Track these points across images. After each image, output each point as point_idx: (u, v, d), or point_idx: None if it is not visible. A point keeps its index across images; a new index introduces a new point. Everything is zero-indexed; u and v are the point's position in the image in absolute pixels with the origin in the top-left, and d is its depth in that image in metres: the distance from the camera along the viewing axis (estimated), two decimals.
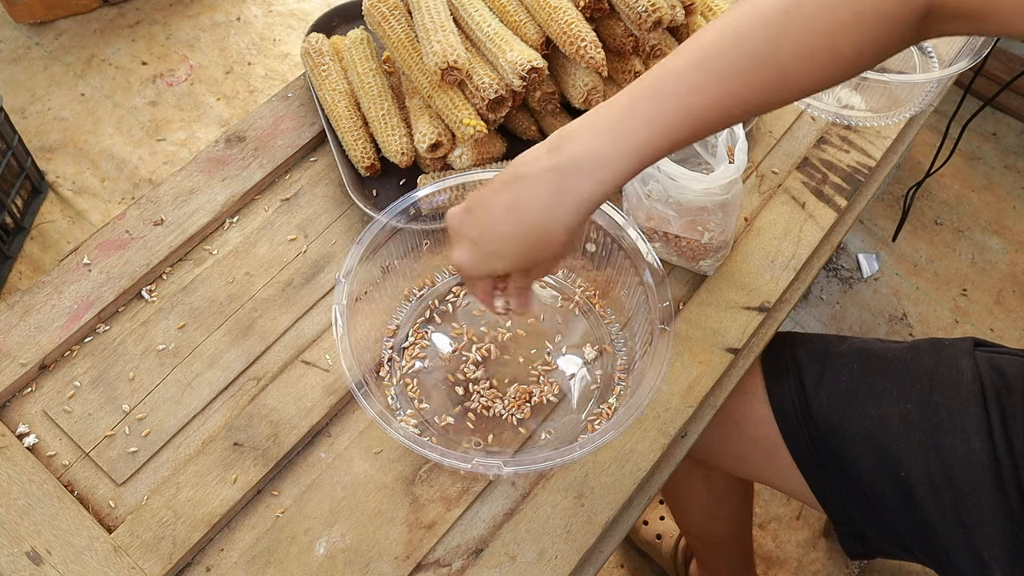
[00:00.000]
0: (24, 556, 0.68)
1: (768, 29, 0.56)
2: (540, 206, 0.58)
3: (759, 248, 0.87)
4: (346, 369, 0.67)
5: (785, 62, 0.56)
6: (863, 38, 0.56)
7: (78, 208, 1.81)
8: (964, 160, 1.94)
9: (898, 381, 0.80)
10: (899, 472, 0.77)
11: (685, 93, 0.57)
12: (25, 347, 0.78)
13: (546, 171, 0.58)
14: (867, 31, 0.56)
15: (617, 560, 1.42)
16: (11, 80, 2.02)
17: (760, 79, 0.57)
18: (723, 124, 0.58)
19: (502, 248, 0.60)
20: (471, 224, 0.61)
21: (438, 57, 0.81)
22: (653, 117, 0.57)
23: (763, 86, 0.57)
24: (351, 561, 0.69)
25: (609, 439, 0.65)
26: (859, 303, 1.74)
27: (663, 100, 0.57)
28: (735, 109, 0.58)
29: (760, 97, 0.58)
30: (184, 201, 0.89)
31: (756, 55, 0.56)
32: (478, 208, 0.61)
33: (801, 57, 0.56)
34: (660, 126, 0.57)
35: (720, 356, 0.80)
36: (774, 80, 0.57)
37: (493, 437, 0.75)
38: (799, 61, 0.57)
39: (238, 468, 0.73)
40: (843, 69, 0.58)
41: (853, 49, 0.57)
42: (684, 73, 0.57)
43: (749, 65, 0.56)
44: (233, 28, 2.15)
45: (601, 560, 0.72)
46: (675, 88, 0.57)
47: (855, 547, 0.88)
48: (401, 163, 0.88)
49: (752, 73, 0.57)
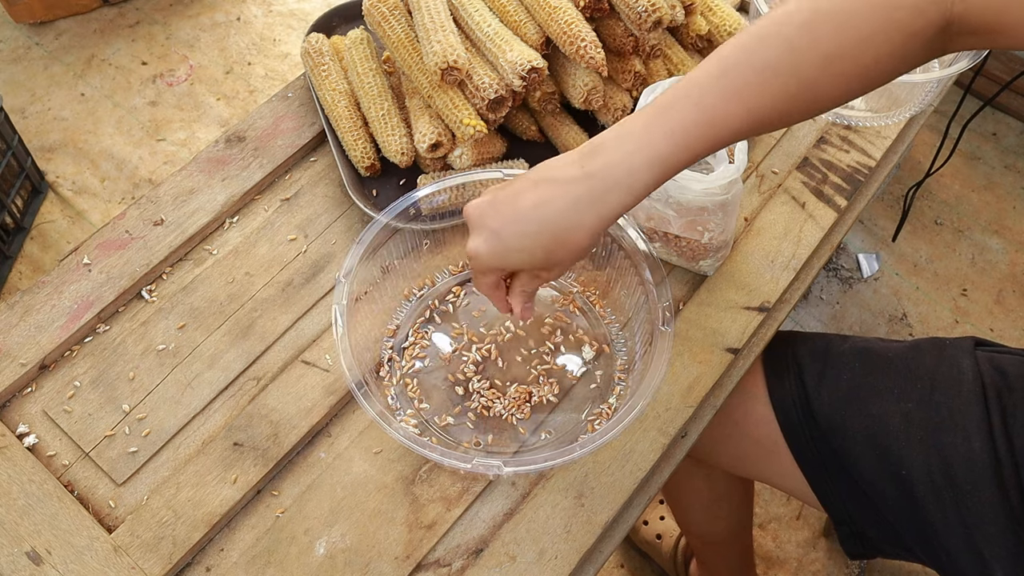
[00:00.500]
0: (24, 556, 0.68)
1: (787, 43, 0.57)
2: (568, 208, 0.59)
3: (759, 248, 0.87)
4: (346, 369, 0.67)
5: (805, 76, 0.57)
6: (883, 52, 0.57)
7: (78, 208, 1.81)
8: (964, 160, 1.94)
9: (899, 380, 0.80)
10: (900, 471, 0.77)
11: (704, 105, 0.58)
12: (25, 347, 0.78)
13: (578, 177, 0.59)
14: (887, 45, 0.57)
15: (617, 560, 1.42)
16: (11, 80, 2.02)
17: (779, 93, 0.58)
18: (744, 135, 0.59)
19: (522, 243, 0.61)
20: (494, 215, 0.62)
21: (438, 57, 0.81)
22: (674, 128, 0.58)
23: (782, 99, 0.58)
24: (351, 561, 0.69)
25: (609, 439, 0.65)
26: (859, 303, 1.74)
27: (682, 111, 0.58)
28: (754, 121, 0.58)
29: (779, 110, 0.58)
30: (184, 201, 0.89)
31: (775, 69, 0.57)
32: (503, 202, 0.61)
33: (821, 71, 0.57)
34: (681, 137, 0.58)
35: (720, 356, 0.80)
36: (794, 94, 0.58)
37: (493, 437, 0.75)
38: (819, 75, 0.57)
39: (238, 468, 0.73)
40: (863, 83, 0.59)
41: (874, 63, 0.57)
42: (704, 85, 0.58)
43: (768, 78, 0.57)
44: (233, 28, 2.16)
45: (601, 560, 0.72)
46: (694, 100, 0.58)
47: (855, 547, 0.88)
48: (401, 163, 0.88)
49: (771, 86, 0.57)
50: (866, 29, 0.56)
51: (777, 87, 0.57)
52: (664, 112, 0.58)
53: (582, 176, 0.59)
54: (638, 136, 0.59)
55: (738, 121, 0.58)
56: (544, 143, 0.94)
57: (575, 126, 0.91)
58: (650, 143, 0.58)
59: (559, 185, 0.60)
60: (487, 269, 0.65)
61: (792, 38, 0.57)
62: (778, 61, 0.57)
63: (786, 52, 0.57)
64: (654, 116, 0.59)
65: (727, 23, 0.93)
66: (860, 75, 0.58)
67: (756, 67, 0.57)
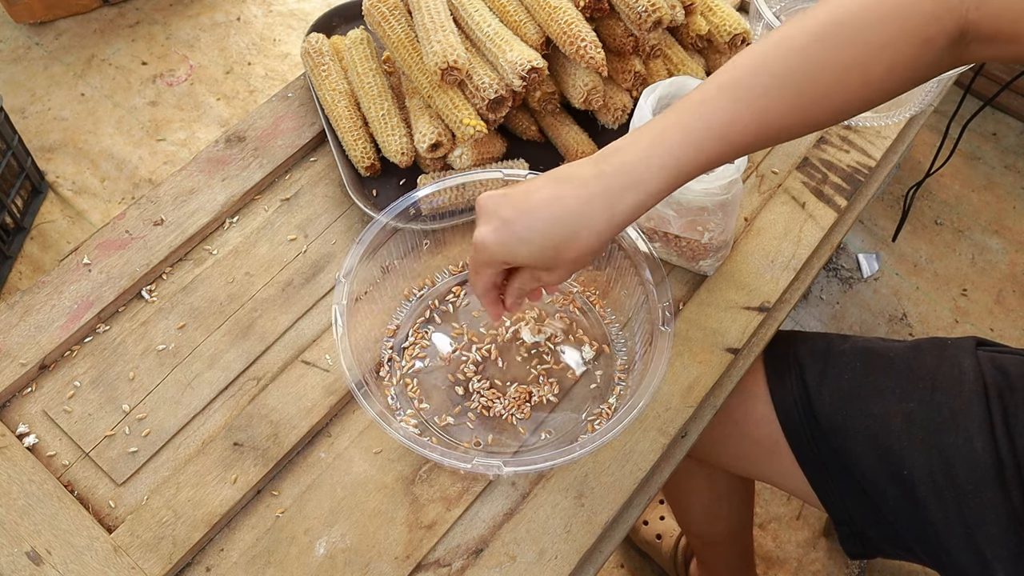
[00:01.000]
0: (24, 556, 0.68)
1: (800, 54, 0.57)
2: (579, 205, 0.59)
3: (759, 248, 0.87)
4: (346, 369, 0.67)
5: (820, 85, 0.57)
6: (898, 61, 0.57)
7: (78, 208, 1.81)
8: (964, 160, 1.94)
9: (900, 380, 0.80)
10: (901, 471, 0.77)
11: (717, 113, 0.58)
12: (25, 347, 0.78)
13: (593, 175, 0.60)
14: (902, 54, 0.57)
15: (617, 560, 1.42)
16: (11, 80, 2.02)
17: (794, 102, 0.58)
18: (757, 145, 0.59)
19: (531, 235, 0.60)
20: (506, 206, 0.61)
21: (438, 57, 0.81)
22: (688, 134, 0.58)
23: (797, 109, 0.58)
24: (351, 561, 0.69)
25: (609, 439, 0.65)
26: (859, 303, 1.74)
27: (696, 118, 0.58)
28: (769, 130, 0.59)
29: (794, 120, 0.59)
30: (184, 201, 0.89)
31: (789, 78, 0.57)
32: (517, 195, 0.62)
33: (836, 81, 0.57)
34: (694, 142, 0.58)
35: (720, 356, 0.80)
36: (809, 103, 0.58)
37: (493, 437, 0.75)
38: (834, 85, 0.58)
39: (238, 468, 0.73)
40: (879, 92, 0.59)
41: (888, 72, 0.57)
42: (715, 93, 0.58)
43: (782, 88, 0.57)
44: (233, 28, 2.15)
45: (601, 560, 0.72)
46: (708, 107, 0.58)
47: (855, 547, 0.88)
48: (401, 163, 0.88)
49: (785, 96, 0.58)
50: (880, 38, 0.56)
51: (792, 97, 0.57)
52: (679, 118, 0.59)
53: (597, 174, 0.59)
54: (653, 139, 0.59)
55: (752, 130, 0.58)
56: (544, 143, 0.94)
57: (575, 126, 0.91)
58: (664, 146, 0.58)
59: (574, 182, 0.60)
60: (490, 261, 0.64)
61: (806, 48, 0.57)
62: (792, 71, 0.57)
63: (800, 62, 0.57)
64: (670, 122, 0.59)
65: (727, 23, 0.93)
66: (876, 84, 0.58)
67: (771, 77, 0.57)
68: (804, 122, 0.59)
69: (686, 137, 0.58)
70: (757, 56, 0.58)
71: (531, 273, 0.65)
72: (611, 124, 0.91)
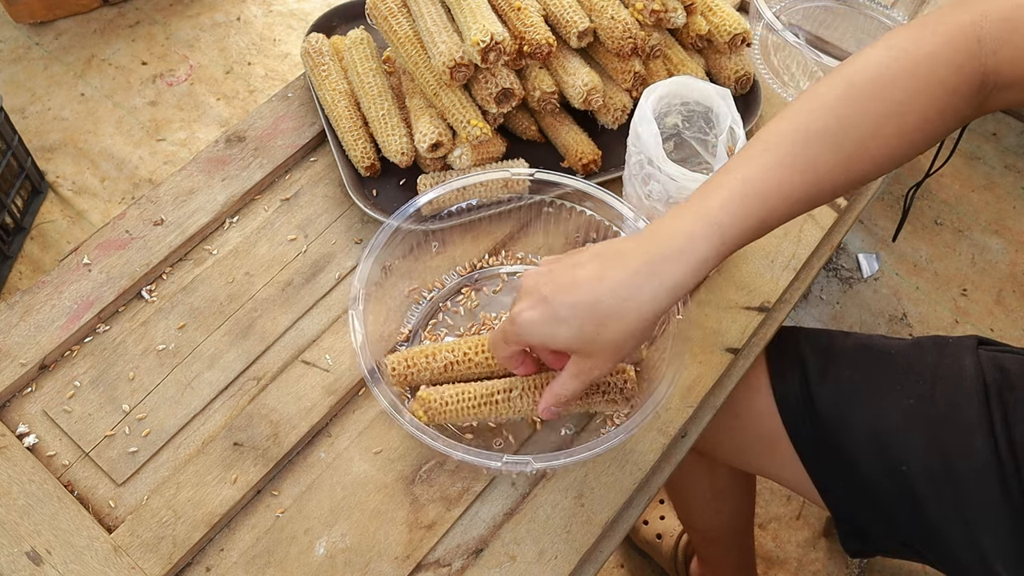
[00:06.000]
0: (24, 556, 0.68)
1: (832, 113, 0.58)
2: (625, 280, 0.57)
3: (759, 248, 0.87)
4: (366, 372, 0.67)
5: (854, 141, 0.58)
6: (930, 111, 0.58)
7: (78, 208, 1.81)
8: (964, 160, 1.94)
9: (901, 377, 0.81)
10: (901, 467, 0.78)
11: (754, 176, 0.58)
12: (25, 347, 0.78)
13: (637, 248, 0.58)
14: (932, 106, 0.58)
15: (617, 560, 1.43)
16: (11, 80, 2.02)
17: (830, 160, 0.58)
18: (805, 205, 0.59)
19: (571, 314, 0.57)
20: (547, 283, 0.59)
21: (444, 57, 0.81)
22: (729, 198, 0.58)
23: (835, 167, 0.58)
24: (351, 561, 0.69)
25: (637, 427, 0.65)
26: (859, 303, 1.74)
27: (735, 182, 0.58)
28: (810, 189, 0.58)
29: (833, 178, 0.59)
30: (184, 201, 0.89)
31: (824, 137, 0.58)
32: (560, 270, 0.60)
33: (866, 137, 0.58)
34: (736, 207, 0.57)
35: (720, 356, 0.80)
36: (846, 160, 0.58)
37: (513, 436, 0.75)
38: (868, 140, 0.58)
39: (238, 468, 0.73)
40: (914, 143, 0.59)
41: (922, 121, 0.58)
42: (753, 157, 0.58)
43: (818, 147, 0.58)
44: (233, 28, 2.16)
45: (601, 560, 0.72)
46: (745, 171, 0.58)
47: (855, 544, 0.88)
48: (401, 163, 0.88)
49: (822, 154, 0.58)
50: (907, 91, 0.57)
51: (828, 155, 0.58)
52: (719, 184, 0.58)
53: (640, 245, 0.58)
54: (695, 207, 0.58)
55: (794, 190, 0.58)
56: (544, 143, 0.94)
57: (575, 126, 0.91)
58: (707, 212, 0.57)
59: (618, 256, 0.58)
60: (525, 342, 0.62)
61: (836, 108, 0.58)
62: (825, 130, 0.58)
63: (833, 121, 0.58)
64: (709, 189, 0.59)
65: (727, 23, 0.93)
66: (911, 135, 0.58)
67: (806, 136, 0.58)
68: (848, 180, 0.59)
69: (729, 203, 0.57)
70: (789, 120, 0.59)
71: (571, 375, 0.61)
72: (611, 124, 0.91)
